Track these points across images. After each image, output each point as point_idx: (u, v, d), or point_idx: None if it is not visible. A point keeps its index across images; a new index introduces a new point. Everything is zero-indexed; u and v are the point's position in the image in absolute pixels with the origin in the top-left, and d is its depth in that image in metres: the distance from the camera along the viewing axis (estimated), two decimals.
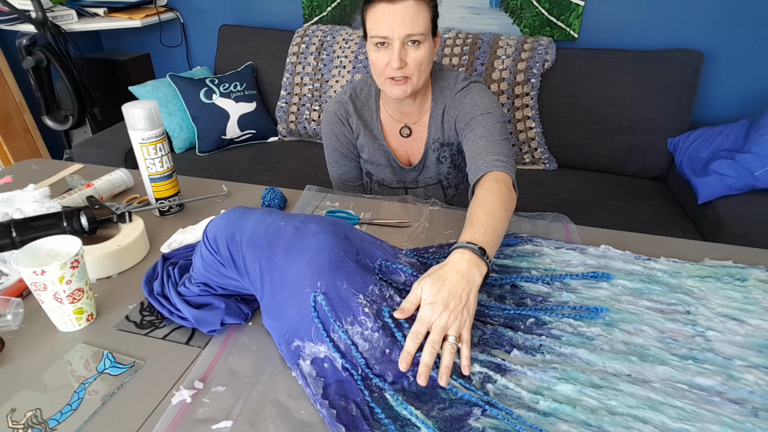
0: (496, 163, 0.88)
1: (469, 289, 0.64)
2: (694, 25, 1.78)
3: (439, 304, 0.61)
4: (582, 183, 1.79)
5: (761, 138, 1.46)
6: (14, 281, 0.77)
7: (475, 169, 0.90)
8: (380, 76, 0.98)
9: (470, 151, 0.94)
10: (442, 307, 0.61)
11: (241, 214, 0.70)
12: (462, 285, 0.64)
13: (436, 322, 0.61)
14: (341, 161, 1.17)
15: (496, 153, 0.90)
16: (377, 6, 0.92)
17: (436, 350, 0.59)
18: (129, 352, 0.65)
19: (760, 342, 0.64)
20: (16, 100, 2.23)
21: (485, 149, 0.91)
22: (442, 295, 0.62)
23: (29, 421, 0.56)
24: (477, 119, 0.97)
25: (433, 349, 0.59)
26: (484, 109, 0.98)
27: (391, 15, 0.91)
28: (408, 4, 0.90)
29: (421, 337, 0.60)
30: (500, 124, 0.97)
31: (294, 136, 2.17)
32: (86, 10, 2.21)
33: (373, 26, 0.93)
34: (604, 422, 0.53)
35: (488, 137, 0.93)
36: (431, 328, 0.61)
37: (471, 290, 0.64)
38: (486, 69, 1.84)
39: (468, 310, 0.63)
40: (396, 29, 0.91)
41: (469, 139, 0.96)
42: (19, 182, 1.12)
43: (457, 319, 0.61)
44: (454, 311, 0.61)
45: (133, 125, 0.91)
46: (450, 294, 0.62)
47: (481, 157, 0.90)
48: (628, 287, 0.74)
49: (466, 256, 0.67)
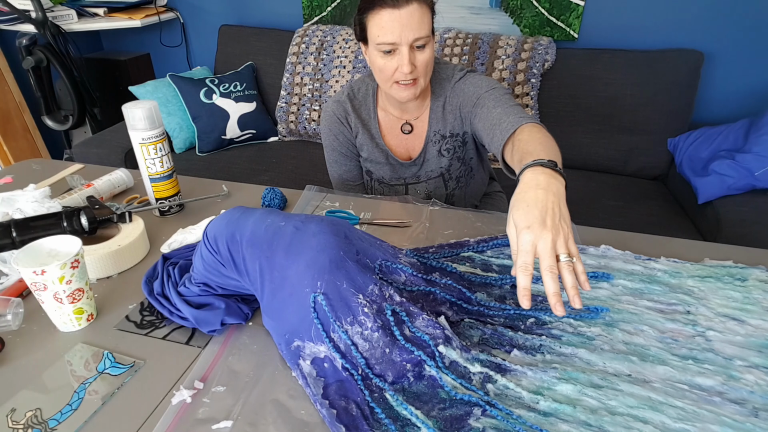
0: (522, 120, 0.85)
1: (557, 200, 0.60)
2: (694, 25, 1.78)
3: (535, 225, 0.57)
4: (582, 183, 1.79)
5: (761, 138, 1.46)
6: (14, 281, 0.77)
7: (500, 131, 0.87)
8: (388, 81, 0.98)
9: (487, 122, 0.93)
10: (540, 227, 0.57)
11: (241, 214, 0.70)
12: (549, 197, 0.60)
13: (541, 247, 0.56)
14: (341, 161, 1.17)
15: (517, 114, 0.88)
16: (382, 13, 0.91)
17: (557, 274, 0.56)
18: (129, 352, 0.65)
19: (760, 342, 0.64)
20: (16, 100, 2.23)
21: (504, 114, 0.90)
22: (534, 214, 0.58)
23: (29, 421, 0.56)
24: (484, 96, 0.98)
25: (554, 275, 0.55)
26: (488, 86, 0.99)
27: (398, 21, 0.90)
28: (413, 8, 0.90)
29: (532, 267, 0.57)
30: (508, 96, 0.97)
31: (294, 136, 2.17)
32: (86, 10, 2.21)
33: (380, 33, 0.93)
34: (604, 422, 0.53)
35: (503, 105, 0.93)
36: (539, 253, 0.57)
37: (559, 201, 0.61)
38: (486, 69, 1.84)
39: (565, 220, 0.59)
40: (404, 35, 0.91)
41: (482, 115, 0.96)
42: (19, 182, 1.12)
43: (560, 234, 0.57)
44: (554, 227, 0.57)
45: (133, 125, 0.91)
46: (541, 211, 0.58)
47: (504, 120, 0.88)
48: (629, 287, 0.74)
49: (538, 170, 0.63)
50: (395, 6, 0.90)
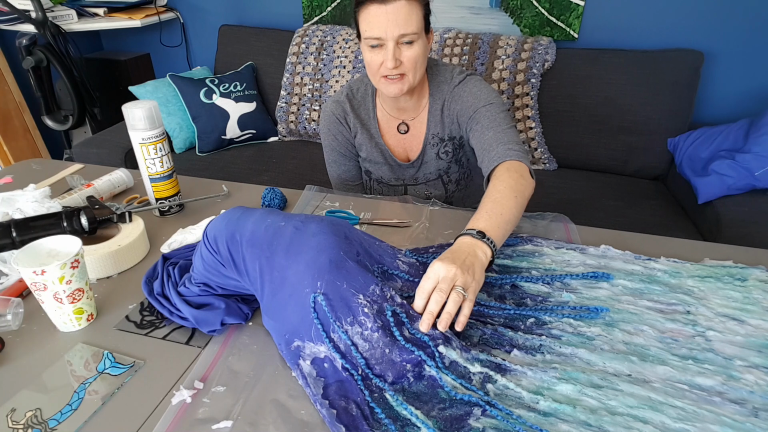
0: (508, 153, 0.90)
1: (473, 258, 0.66)
2: (694, 25, 1.78)
3: (448, 261, 0.64)
4: (582, 183, 1.79)
5: (761, 138, 1.46)
6: (14, 281, 0.77)
7: (488, 161, 0.92)
8: (375, 75, 0.99)
9: (480, 143, 0.96)
10: (451, 262, 0.63)
11: (241, 214, 0.70)
12: (468, 256, 0.66)
13: (443, 274, 0.62)
14: (340, 161, 1.17)
15: (507, 142, 0.92)
16: (369, 8, 0.93)
17: (443, 299, 0.61)
18: (129, 352, 0.65)
19: (760, 342, 0.64)
20: (16, 100, 2.23)
21: (495, 140, 0.93)
22: (450, 257, 0.65)
23: (29, 421, 0.56)
24: (480, 111, 0.99)
25: (441, 297, 0.60)
26: (486, 100, 1.00)
27: (384, 16, 0.91)
28: (400, 4, 0.91)
29: (429, 292, 0.62)
30: (504, 113, 0.99)
31: (294, 136, 2.17)
32: (86, 10, 2.21)
33: (367, 27, 0.94)
34: (604, 422, 0.53)
35: (495, 127, 0.95)
36: (440, 280, 0.62)
37: (475, 262, 0.66)
38: (486, 69, 1.84)
39: (474, 277, 0.64)
40: (389, 30, 0.92)
41: (476, 132, 0.98)
42: (19, 182, 1.12)
43: (464, 275, 0.62)
44: (462, 267, 0.63)
45: (133, 125, 0.91)
46: (456, 258, 0.65)
47: (492, 149, 0.92)
48: (628, 287, 0.74)
49: (466, 240, 0.70)
50: (383, 1, 0.91)
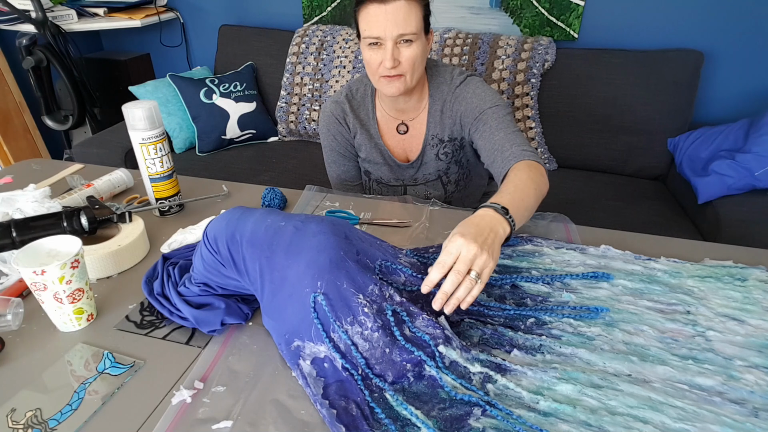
0: (524, 153, 0.90)
1: (494, 235, 0.66)
2: (694, 25, 1.78)
3: (469, 236, 0.63)
4: (582, 183, 1.79)
5: (761, 138, 1.45)
6: (14, 281, 0.77)
7: (502, 160, 0.92)
8: (374, 74, 0.99)
9: (489, 144, 0.96)
10: (473, 239, 0.62)
11: (241, 214, 0.70)
12: (489, 228, 0.66)
13: (464, 254, 0.61)
14: (340, 161, 1.17)
15: (520, 144, 0.93)
16: (369, 7, 0.93)
17: (459, 281, 0.61)
18: (129, 352, 0.65)
19: (760, 342, 0.64)
20: (16, 100, 2.23)
21: (507, 141, 0.94)
22: (472, 230, 0.64)
23: (29, 421, 0.56)
24: (487, 113, 0.99)
25: (457, 279, 0.60)
26: (491, 102, 1.00)
27: (383, 15, 0.92)
28: (399, 4, 0.91)
29: (447, 268, 0.61)
30: (510, 116, 0.99)
31: (294, 136, 2.17)
32: (86, 10, 2.21)
33: (366, 27, 0.95)
34: (604, 422, 0.53)
35: (505, 129, 0.96)
36: (458, 258, 0.62)
37: (495, 237, 0.66)
38: (486, 69, 1.84)
39: (493, 252, 0.64)
40: (388, 29, 0.92)
41: (484, 133, 0.98)
42: (19, 182, 1.12)
43: (483, 255, 0.62)
44: (483, 246, 0.63)
45: (133, 125, 0.91)
46: (480, 231, 0.64)
47: (506, 149, 0.92)
48: (629, 287, 0.74)
49: (489, 212, 0.70)
50: (382, 1, 0.91)
